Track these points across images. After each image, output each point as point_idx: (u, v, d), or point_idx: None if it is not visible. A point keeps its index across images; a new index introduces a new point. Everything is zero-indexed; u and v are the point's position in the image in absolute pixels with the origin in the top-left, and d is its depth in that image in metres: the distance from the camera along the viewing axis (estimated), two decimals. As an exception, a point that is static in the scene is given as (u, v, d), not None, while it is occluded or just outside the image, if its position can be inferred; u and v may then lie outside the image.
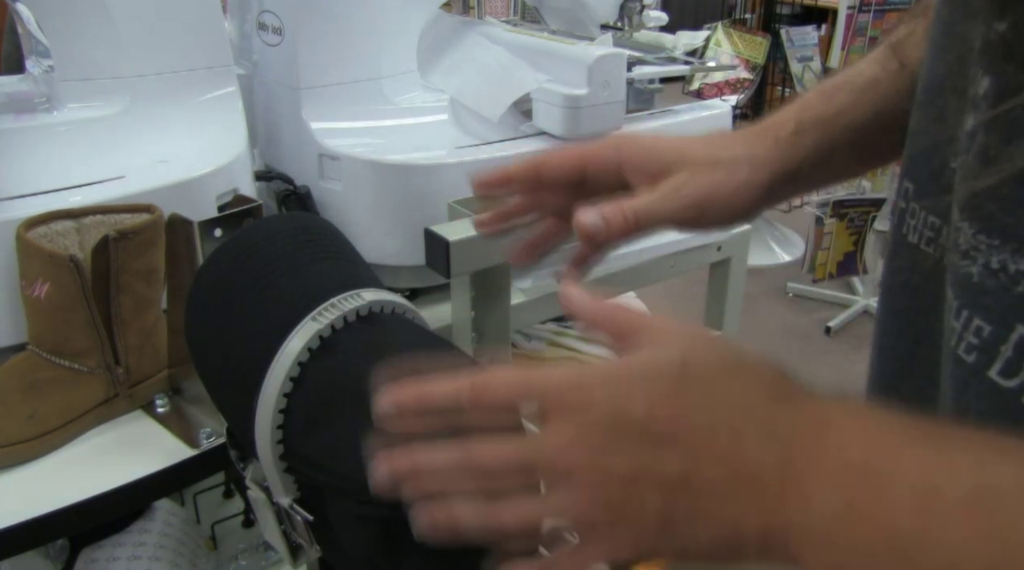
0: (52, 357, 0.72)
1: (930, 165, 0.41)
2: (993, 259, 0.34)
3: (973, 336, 0.35)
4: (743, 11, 3.88)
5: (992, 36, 0.34)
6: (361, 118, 1.00)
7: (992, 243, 0.34)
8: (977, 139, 0.35)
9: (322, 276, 0.56)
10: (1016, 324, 0.34)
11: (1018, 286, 0.33)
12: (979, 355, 0.35)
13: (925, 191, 0.42)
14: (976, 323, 0.35)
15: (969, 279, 0.35)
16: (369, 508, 0.48)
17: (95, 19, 0.89)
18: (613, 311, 0.37)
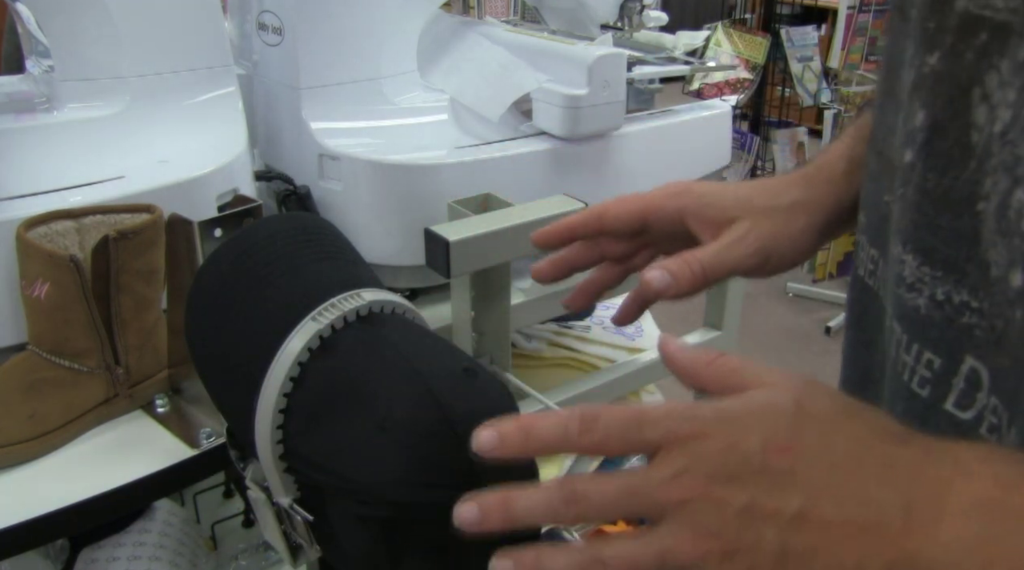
0: (52, 357, 0.72)
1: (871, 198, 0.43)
2: (938, 291, 0.34)
3: (925, 369, 0.36)
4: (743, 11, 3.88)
5: (925, 70, 0.34)
6: (361, 118, 1.00)
7: (935, 275, 0.34)
8: (916, 170, 0.35)
9: (322, 276, 0.56)
10: (965, 356, 0.34)
11: (962, 317, 0.33)
12: (932, 389, 0.35)
13: (871, 224, 0.43)
14: (927, 356, 0.35)
15: (917, 312, 0.35)
16: (369, 508, 0.48)
17: (95, 19, 0.89)
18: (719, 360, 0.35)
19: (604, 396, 1.00)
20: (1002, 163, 0.31)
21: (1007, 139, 0.31)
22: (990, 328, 0.33)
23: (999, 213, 0.32)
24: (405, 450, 0.47)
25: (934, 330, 0.35)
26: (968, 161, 0.33)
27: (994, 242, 0.32)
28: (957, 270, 0.34)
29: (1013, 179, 0.31)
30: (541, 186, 0.96)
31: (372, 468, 0.47)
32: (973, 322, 0.33)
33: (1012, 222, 0.31)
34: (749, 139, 3.35)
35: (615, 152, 1.02)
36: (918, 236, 0.35)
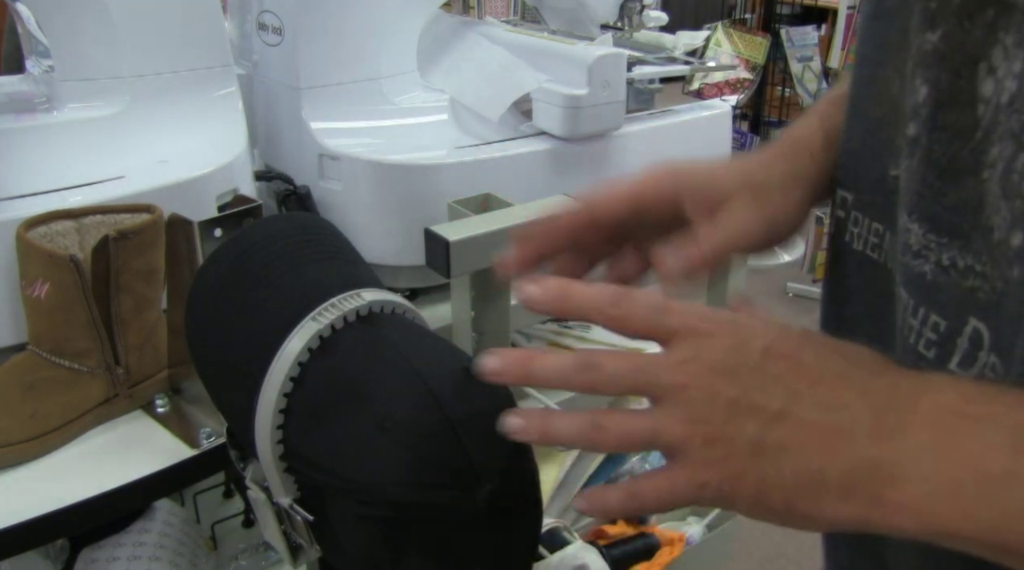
0: (52, 357, 0.72)
1: (869, 174, 0.44)
2: (943, 256, 0.36)
3: (931, 332, 0.37)
4: (743, 11, 3.88)
5: (926, 47, 0.36)
6: (361, 118, 1.00)
7: (941, 241, 0.36)
8: (920, 144, 0.37)
9: (322, 276, 0.56)
10: (969, 317, 0.36)
11: (967, 281, 0.35)
12: (938, 350, 0.37)
13: (866, 199, 0.44)
14: (933, 319, 0.37)
15: (923, 278, 0.37)
16: (369, 508, 0.48)
17: (95, 19, 0.89)
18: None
19: (603, 397, 1.00)
20: (1009, 130, 0.33)
21: (1014, 108, 0.33)
22: (992, 290, 0.35)
23: (1003, 178, 0.34)
24: (405, 450, 0.47)
25: (940, 294, 0.37)
26: (974, 132, 0.35)
27: (997, 207, 0.34)
28: (962, 236, 0.35)
29: (1018, 144, 0.33)
30: (541, 186, 0.96)
31: (372, 468, 0.47)
32: (977, 285, 0.35)
33: (1015, 185, 0.33)
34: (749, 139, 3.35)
35: (615, 152, 1.02)
36: (923, 205, 0.37)
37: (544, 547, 0.78)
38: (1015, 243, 0.33)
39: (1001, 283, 0.34)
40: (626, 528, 1.22)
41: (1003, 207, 0.34)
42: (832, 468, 0.32)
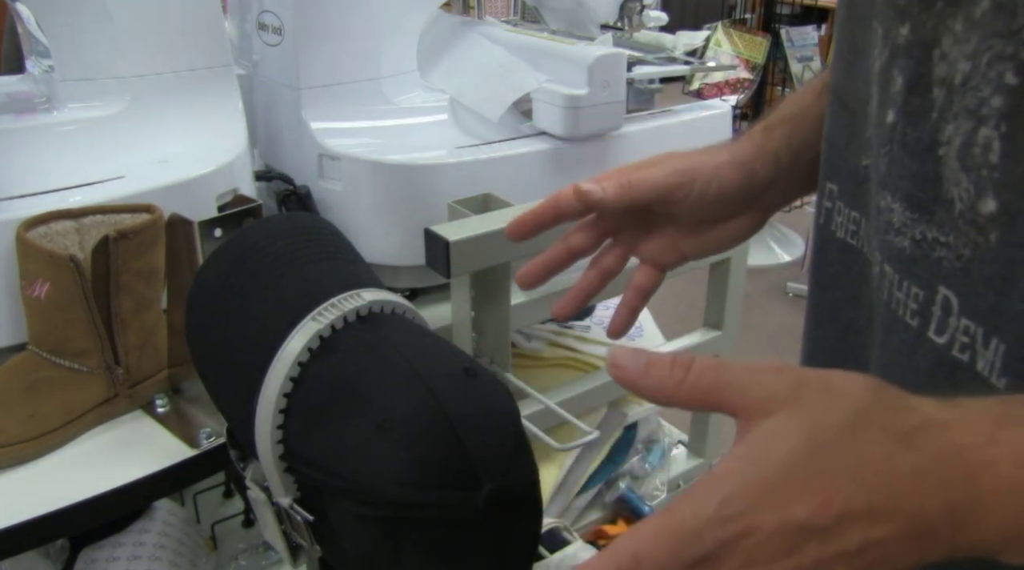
0: (52, 357, 0.72)
1: (847, 165, 0.47)
2: (916, 231, 0.39)
3: (913, 302, 0.40)
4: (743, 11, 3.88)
5: (899, 40, 0.39)
6: (361, 118, 1.00)
7: (914, 217, 0.39)
8: (897, 129, 0.40)
9: (322, 276, 0.56)
10: (939, 286, 0.38)
11: (935, 252, 0.38)
12: (919, 318, 0.40)
13: (846, 189, 0.47)
14: (914, 290, 0.40)
15: (903, 253, 0.40)
16: (369, 508, 0.48)
17: (95, 19, 0.89)
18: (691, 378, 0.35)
19: (603, 396, 1.00)
20: (965, 108, 0.36)
21: (969, 86, 0.36)
22: (957, 258, 0.37)
23: (962, 152, 0.36)
24: (405, 450, 0.47)
25: (916, 266, 0.40)
26: (930, 113, 0.38)
27: (956, 180, 0.37)
28: (927, 210, 0.39)
29: (977, 119, 0.35)
30: (541, 186, 0.96)
31: (372, 468, 0.47)
32: (942, 255, 0.38)
33: (978, 158, 0.36)
34: (749, 139, 3.34)
35: (615, 152, 1.02)
36: (901, 185, 0.40)
37: (544, 547, 0.78)
38: (985, 210, 0.36)
39: (968, 250, 0.37)
40: (626, 528, 1.22)
41: (964, 179, 0.36)
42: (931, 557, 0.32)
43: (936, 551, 0.32)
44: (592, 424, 1.05)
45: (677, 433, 1.21)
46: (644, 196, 0.53)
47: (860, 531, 0.31)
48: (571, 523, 1.07)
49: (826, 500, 0.31)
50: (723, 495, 0.32)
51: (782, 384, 0.33)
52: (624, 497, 1.18)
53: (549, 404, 0.82)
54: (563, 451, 0.92)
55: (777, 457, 0.32)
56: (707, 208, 0.54)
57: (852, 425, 0.32)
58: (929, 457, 0.32)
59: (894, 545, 0.31)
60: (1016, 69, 0.34)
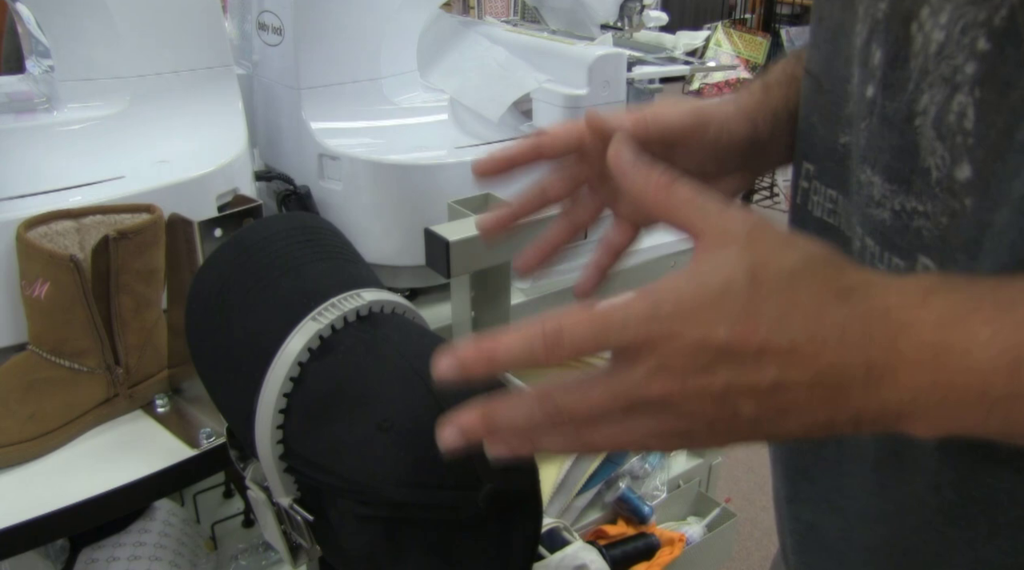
0: (52, 357, 0.72)
1: (824, 144, 0.47)
2: (896, 202, 0.40)
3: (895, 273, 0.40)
4: (743, 11, 3.89)
5: (878, 15, 0.40)
6: (361, 118, 1.00)
7: (893, 189, 0.40)
8: (877, 103, 0.41)
9: (322, 276, 0.56)
10: (918, 255, 0.39)
11: (914, 221, 0.39)
12: None
13: (824, 169, 0.48)
14: (895, 261, 0.41)
15: (884, 224, 0.41)
16: (369, 508, 0.48)
17: (95, 19, 0.89)
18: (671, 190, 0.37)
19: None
20: (940, 77, 0.37)
21: (943, 55, 0.36)
22: (935, 226, 0.38)
23: (938, 121, 0.37)
24: (405, 450, 0.47)
25: (897, 237, 0.40)
26: (907, 84, 0.39)
27: (932, 149, 0.38)
28: (905, 181, 0.39)
29: (952, 87, 0.36)
30: (541, 186, 0.96)
31: (372, 468, 0.47)
32: (921, 224, 0.39)
33: (953, 125, 0.36)
34: (749, 139, 3.34)
35: (615, 152, 1.02)
36: (880, 158, 0.41)
37: (544, 547, 0.78)
38: (961, 177, 0.36)
39: (945, 218, 0.37)
40: (626, 528, 1.22)
41: (939, 148, 0.37)
42: (838, 418, 0.33)
43: (845, 410, 0.33)
44: (592, 424, 1.04)
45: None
46: (660, 135, 0.50)
47: (775, 369, 0.33)
48: (571, 523, 1.07)
49: (750, 329, 0.33)
50: (655, 300, 0.34)
51: (745, 224, 0.35)
52: (624, 497, 1.18)
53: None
54: (563, 451, 0.92)
55: (717, 281, 0.34)
56: (712, 158, 0.53)
57: (794, 271, 0.34)
58: (857, 313, 0.33)
59: (804, 392, 0.33)
60: (988, 35, 0.34)
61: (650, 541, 1.20)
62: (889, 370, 0.32)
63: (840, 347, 0.32)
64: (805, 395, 0.33)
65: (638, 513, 1.20)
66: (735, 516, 1.31)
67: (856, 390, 0.32)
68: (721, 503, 1.32)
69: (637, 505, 1.19)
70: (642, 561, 1.17)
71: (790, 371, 0.33)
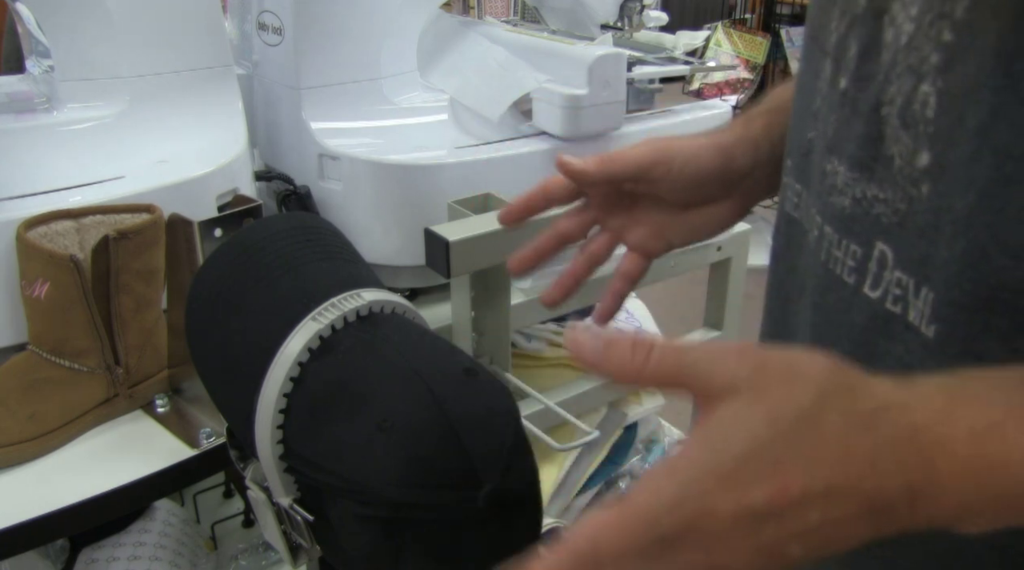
0: (52, 357, 0.72)
1: (796, 140, 0.49)
2: (857, 189, 0.41)
3: (851, 260, 0.42)
4: (743, 11, 3.89)
5: (857, 10, 0.42)
6: (361, 118, 1.00)
7: (854, 177, 0.41)
8: (848, 94, 0.42)
9: (322, 276, 0.56)
10: (876, 241, 0.40)
11: (874, 209, 0.40)
12: (856, 276, 0.42)
13: (795, 164, 0.50)
14: (852, 248, 0.42)
15: (843, 211, 0.42)
16: (369, 508, 0.48)
17: (95, 19, 0.89)
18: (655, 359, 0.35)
19: (603, 396, 1.00)
20: (907, 67, 0.38)
21: (912, 46, 0.38)
22: (894, 213, 0.39)
23: (903, 110, 0.38)
24: (405, 450, 0.47)
25: (855, 224, 0.42)
26: (877, 75, 0.40)
27: (896, 138, 0.39)
28: (868, 169, 0.41)
29: (917, 77, 0.37)
30: (541, 186, 0.96)
31: (372, 468, 0.47)
32: (880, 211, 0.40)
33: (917, 113, 0.37)
34: (749, 139, 3.33)
35: (615, 152, 1.02)
36: (846, 147, 0.42)
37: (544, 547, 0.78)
38: (920, 164, 0.38)
39: (904, 204, 0.39)
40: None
41: (903, 136, 0.38)
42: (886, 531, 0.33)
43: (893, 526, 0.33)
44: (592, 424, 1.05)
45: (677, 433, 1.21)
46: (623, 170, 0.55)
47: (818, 511, 0.32)
48: (571, 523, 1.07)
49: (784, 485, 0.32)
50: (680, 480, 0.32)
51: (744, 369, 0.34)
52: (624, 497, 1.18)
53: (549, 404, 0.82)
54: (563, 451, 0.92)
55: (736, 444, 0.33)
56: (686, 188, 0.56)
57: (811, 410, 0.33)
58: (887, 438, 0.32)
59: (852, 522, 0.32)
60: (952, 26, 0.35)
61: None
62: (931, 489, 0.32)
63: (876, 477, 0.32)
64: (851, 525, 0.32)
65: (638, 513, 1.20)
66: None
67: (901, 510, 0.32)
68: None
69: (637, 505, 1.19)
70: None
71: (833, 508, 0.32)
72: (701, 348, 0.35)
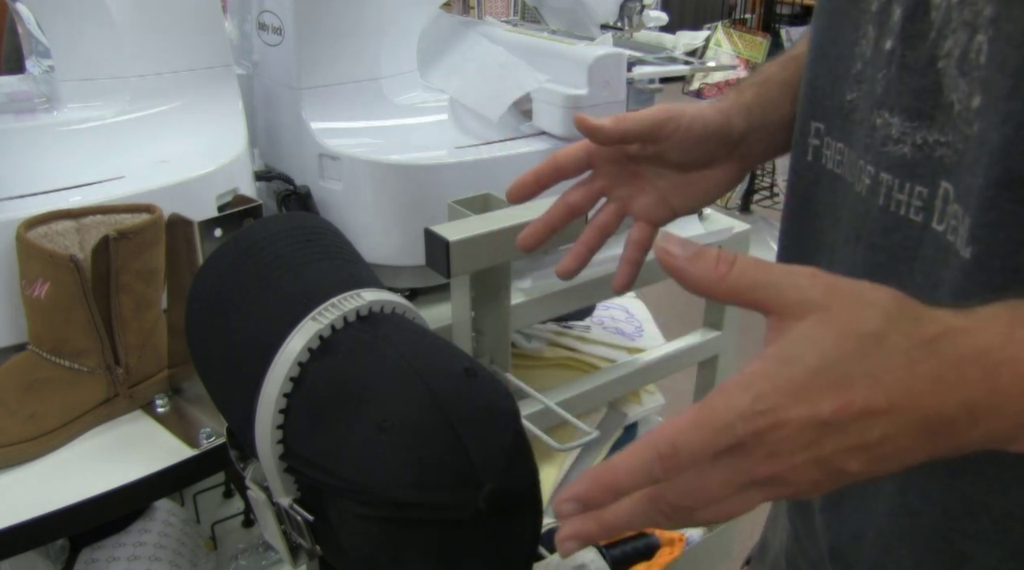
0: (52, 357, 0.72)
1: (833, 103, 0.52)
2: (917, 137, 0.45)
3: (917, 200, 0.45)
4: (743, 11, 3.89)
5: None
6: (361, 118, 1.00)
7: (914, 125, 0.45)
8: (896, 54, 0.46)
9: (322, 276, 0.56)
10: (940, 181, 0.44)
11: (936, 152, 0.44)
12: (924, 214, 0.45)
13: (832, 126, 0.53)
14: (918, 189, 0.45)
15: (904, 158, 0.45)
16: (369, 508, 0.48)
17: (95, 19, 0.89)
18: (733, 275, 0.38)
19: (603, 396, 1.00)
20: (962, 21, 0.41)
21: (967, 3, 0.41)
22: (955, 153, 0.42)
23: (960, 60, 0.41)
24: (405, 450, 0.47)
25: (918, 168, 0.45)
26: (929, 33, 0.43)
27: (955, 86, 0.42)
28: (928, 117, 0.44)
29: (972, 29, 0.41)
30: (541, 186, 0.96)
31: (372, 468, 0.47)
32: (943, 153, 0.43)
33: (972, 62, 0.41)
34: (749, 139, 3.33)
35: (615, 152, 1.02)
36: (900, 101, 0.45)
37: (544, 547, 0.78)
38: (975, 105, 0.41)
39: (962, 145, 0.42)
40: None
41: (961, 83, 0.42)
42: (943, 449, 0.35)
43: (951, 444, 0.35)
44: (592, 424, 1.05)
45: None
46: (637, 127, 0.58)
47: (880, 427, 0.34)
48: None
49: (849, 400, 0.34)
50: (755, 392, 0.35)
51: (816, 290, 0.36)
52: (624, 497, 1.18)
53: (549, 404, 0.82)
54: (563, 451, 0.92)
55: (807, 359, 0.35)
56: (692, 147, 0.60)
57: (878, 333, 0.35)
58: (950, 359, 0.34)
59: (911, 438, 0.35)
60: None
61: (650, 541, 1.19)
62: (993, 406, 0.34)
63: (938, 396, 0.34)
64: (910, 441, 0.35)
65: (638, 513, 1.20)
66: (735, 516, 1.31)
67: (960, 428, 0.34)
68: (721, 503, 1.32)
69: (637, 505, 1.19)
70: (642, 561, 1.17)
71: (894, 425, 0.34)
72: (777, 267, 0.38)
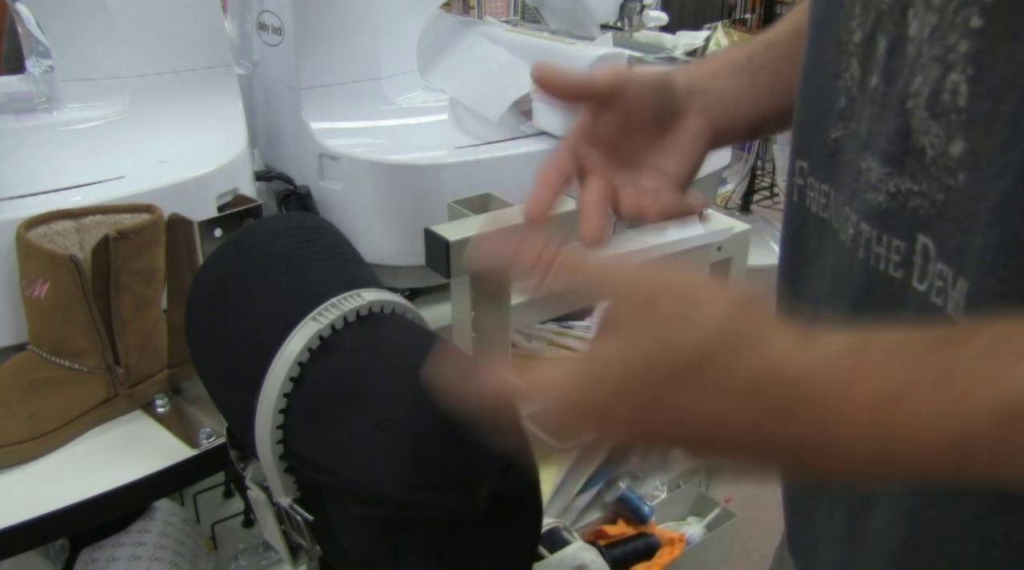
0: (52, 357, 0.72)
1: (816, 141, 0.49)
2: (891, 185, 0.41)
3: (895, 255, 0.42)
4: (743, 11, 3.88)
5: (883, 7, 0.42)
6: (361, 118, 1.00)
7: (887, 172, 0.41)
8: (879, 91, 0.42)
9: (322, 276, 0.56)
10: (917, 234, 0.40)
11: (910, 202, 0.40)
12: (903, 270, 0.41)
13: (816, 165, 0.49)
14: (895, 243, 0.41)
15: (879, 207, 0.42)
16: (369, 508, 0.48)
17: (95, 19, 0.89)
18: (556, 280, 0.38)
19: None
20: (933, 57, 0.37)
21: (936, 36, 0.37)
22: (931, 204, 0.39)
23: (931, 100, 0.38)
24: (405, 450, 0.47)
25: (894, 219, 0.41)
26: (902, 69, 0.40)
27: (926, 128, 0.38)
28: (898, 163, 0.40)
29: (945, 66, 0.37)
30: (541, 186, 0.96)
31: (372, 468, 0.47)
32: (917, 203, 0.40)
33: (947, 102, 0.37)
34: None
35: (615, 152, 1.02)
36: (878, 143, 0.42)
37: (544, 547, 0.78)
38: (955, 153, 0.37)
39: (941, 195, 0.38)
40: (626, 528, 1.22)
41: (934, 127, 0.38)
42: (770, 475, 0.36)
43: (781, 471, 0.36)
44: (592, 424, 1.04)
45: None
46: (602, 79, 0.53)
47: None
48: (571, 523, 1.07)
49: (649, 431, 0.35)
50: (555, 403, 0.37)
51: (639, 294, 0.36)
52: (624, 497, 1.18)
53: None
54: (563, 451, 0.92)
55: (608, 381, 0.35)
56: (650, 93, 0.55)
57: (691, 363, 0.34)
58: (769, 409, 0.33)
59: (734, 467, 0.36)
60: (981, 12, 0.35)
61: (650, 541, 1.19)
62: (820, 450, 0.33)
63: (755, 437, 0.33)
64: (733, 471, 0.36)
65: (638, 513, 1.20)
66: (735, 516, 1.31)
67: (787, 463, 0.35)
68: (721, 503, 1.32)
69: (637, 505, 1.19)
70: (642, 561, 1.17)
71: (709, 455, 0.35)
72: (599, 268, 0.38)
